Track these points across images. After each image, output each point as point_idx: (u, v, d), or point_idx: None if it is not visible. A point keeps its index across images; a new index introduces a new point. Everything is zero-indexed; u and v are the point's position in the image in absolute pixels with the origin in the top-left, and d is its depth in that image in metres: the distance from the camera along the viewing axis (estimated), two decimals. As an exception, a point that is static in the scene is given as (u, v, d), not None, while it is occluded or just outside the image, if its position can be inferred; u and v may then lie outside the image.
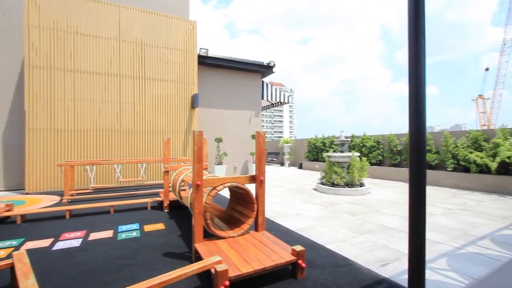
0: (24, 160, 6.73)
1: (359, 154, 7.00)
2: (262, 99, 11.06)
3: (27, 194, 6.37)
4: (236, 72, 10.24)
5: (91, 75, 7.23)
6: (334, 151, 9.34)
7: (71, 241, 3.12)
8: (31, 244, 3.02)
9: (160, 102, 8.12)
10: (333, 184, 6.32)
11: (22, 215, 3.95)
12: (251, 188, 2.85)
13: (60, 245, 3.00)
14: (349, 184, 6.25)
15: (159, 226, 3.70)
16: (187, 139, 8.53)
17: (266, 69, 10.50)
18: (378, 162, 9.30)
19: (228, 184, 2.69)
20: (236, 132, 10.22)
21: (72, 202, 5.26)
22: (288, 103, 11.98)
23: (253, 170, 9.24)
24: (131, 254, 2.74)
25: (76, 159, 6.93)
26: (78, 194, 5.88)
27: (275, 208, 4.80)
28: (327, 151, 11.10)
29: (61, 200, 5.35)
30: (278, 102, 12.17)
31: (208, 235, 2.67)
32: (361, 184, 6.31)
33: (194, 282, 2.15)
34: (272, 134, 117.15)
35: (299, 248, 2.24)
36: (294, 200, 5.47)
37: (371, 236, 3.30)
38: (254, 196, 2.83)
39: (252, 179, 2.85)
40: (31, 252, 2.76)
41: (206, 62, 9.30)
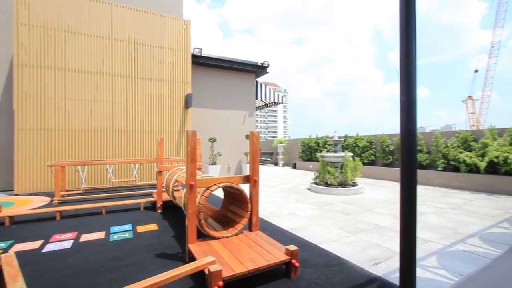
0: (13, 160, 6.58)
1: (352, 154, 7.07)
2: (256, 99, 11.07)
3: (16, 195, 6.24)
4: (230, 72, 10.22)
5: (83, 74, 7.12)
6: (328, 151, 9.42)
7: (61, 242, 3.07)
8: (20, 247, 2.95)
9: (153, 102, 8.05)
10: (326, 184, 6.37)
11: (11, 217, 3.86)
12: (245, 188, 2.86)
13: (50, 247, 2.95)
14: (342, 184, 6.31)
15: (152, 226, 3.67)
16: (180, 139, 8.48)
17: (260, 69, 10.51)
18: (371, 162, 9.41)
19: (222, 184, 2.69)
20: (230, 132, 10.21)
21: (63, 203, 5.16)
22: (282, 103, 12.02)
23: (247, 170, 9.24)
24: (123, 255, 2.71)
25: (67, 160, 6.81)
26: (69, 195, 5.78)
27: (269, 208, 4.81)
28: (321, 151, 11.18)
29: (51, 201, 5.25)
30: (272, 102, 12.19)
31: (201, 236, 2.66)
32: (354, 184, 6.37)
33: (188, 283, 2.14)
34: (266, 134, 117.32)
35: (292, 247, 2.25)
36: (288, 200, 5.49)
37: (363, 235, 3.34)
38: (248, 196, 2.84)
39: (246, 179, 2.85)
40: (20, 254, 2.70)
41: (200, 61, 9.26)
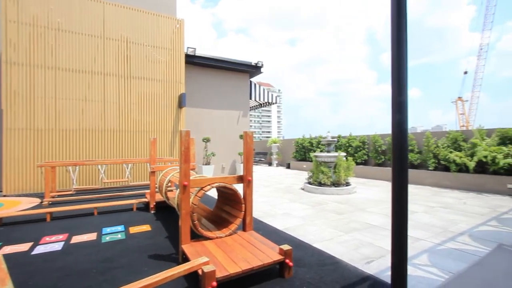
0: (1, 161, 6.43)
1: (345, 154, 7.15)
2: (250, 99, 11.07)
3: (5, 196, 6.09)
4: (224, 72, 10.19)
5: (74, 73, 7.00)
6: (321, 151, 9.48)
7: (52, 244, 3.02)
8: (9, 249, 2.89)
9: (146, 101, 7.98)
10: (320, 184, 6.41)
11: (-1, 219, 3.78)
12: (239, 188, 2.86)
13: (40, 249, 2.89)
14: (335, 184, 6.36)
15: (145, 227, 3.63)
16: (174, 139, 8.42)
17: (254, 69, 10.52)
18: (364, 161, 9.51)
19: (215, 184, 2.68)
20: (224, 132, 10.18)
21: (53, 204, 5.07)
22: (276, 103, 12.04)
23: (241, 170, 9.23)
24: (115, 257, 2.68)
25: (58, 160, 6.69)
26: (59, 196, 5.68)
27: (263, 208, 4.81)
28: (314, 151, 11.25)
29: (41, 202, 5.15)
30: (266, 102, 12.21)
31: (195, 236, 2.65)
32: (347, 184, 6.43)
33: (181, 284, 2.12)
34: (260, 134, 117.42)
35: (286, 247, 2.26)
36: (282, 200, 5.51)
37: (356, 234, 3.38)
38: (242, 196, 2.84)
39: (240, 179, 2.85)
40: (9, 257, 2.64)
41: (193, 61, 9.21)
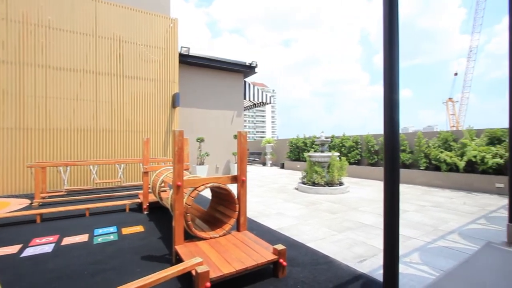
0: (-11, 161, 6.27)
1: (338, 154, 7.20)
2: (245, 99, 11.07)
3: (-7, 197, 5.95)
4: (218, 71, 10.16)
5: (65, 72, 6.88)
6: (315, 151, 9.53)
7: (42, 246, 2.96)
8: (-3, 251, 2.83)
9: (139, 101, 7.89)
10: (314, 184, 6.45)
11: (-13, 220, 3.69)
12: (233, 188, 2.85)
13: (29, 251, 2.83)
14: (329, 183, 6.40)
15: (138, 228, 3.60)
16: (167, 139, 8.35)
17: (248, 69, 10.51)
18: (357, 161, 9.61)
19: (209, 184, 2.67)
20: (218, 132, 10.15)
21: (43, 205, 4.97)
22: (270, 103, 12.06)
23: (235, 170, 9.20)
24: (107, 258, 2.64)
25: (48, 160, 6.56)
26: (50, 197, 5.57)
27: (257, 208, 4.82)
28: (308, 151, 11.31)
29: (31, 203, 5.05)
30: (260, 102, 12.22)
31: (189, 237, 2.63)
32: (340, 183, 6.49)
33: (175, 285, 2.11)
34: (254, 134, 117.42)
35: (280, 247, 2.27)
36: (276, 200, 5.52)
37: (349, 234, 3.41)
38: (236, 196, 2.83)
39: (234, 179, 2.85)
40: (-3, 259, 2.59)
41: (187, 61, 9.15)
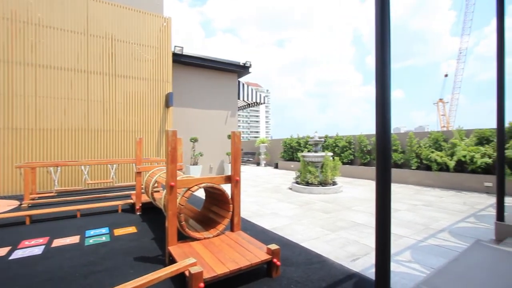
0: (-24, 162, 6.11)
1: (332, 154, 7.26)
2: (239, 99, 11.05)
3: (-20, 199, 5.80)
4: (212, 71, 10.12)
5: (56, 70, 6.75)
6: (309, 151, 9.58)
7: (31, 248, 2.90)
8: (-16, 254, 2.76)
9: (132, 101, 7.80)
10: (307, 183, 6.48)
11: (-26, 223, 3.60)
12: (227, 188, 2.85)
13: (18, 253, 2.78)
14: (322, 183, 6.45)
15: (131, 229, 3.56)
16: (161, 139, 8.28)
17: (242, 69, 10.50)
18: (350, 161, 9.70)
19: (203, 184, 2.66)
20: (212, 132, 10.11)
21: (33, 206, 4.87)
22: (264, 103, 12.08)
23: (229, 170, 9.20)
24: (99, 260, 2.60)
25: (38, 161, 6.43)
26: (40, 198, 5.46)
27: (251, 208, 4.82)
28: (302, 151, 11.37)
29: (20, 204, 4.94)
30: (254, 102, 12.22)
31: (182, 237, 2.62)
32: (334, 183, 6.54)
33: (168, 286, 2.09)
34: (248, 134, 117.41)
35: (274, 247, 2.28)
36: (270, 200, 5.53)
37: (343, 233, 3.44)
38: (230, 196, 2.83)
39: (228, 179, 2.84)
40: (-16, 262, 2.53)
41: (181, 60, 9.09)
